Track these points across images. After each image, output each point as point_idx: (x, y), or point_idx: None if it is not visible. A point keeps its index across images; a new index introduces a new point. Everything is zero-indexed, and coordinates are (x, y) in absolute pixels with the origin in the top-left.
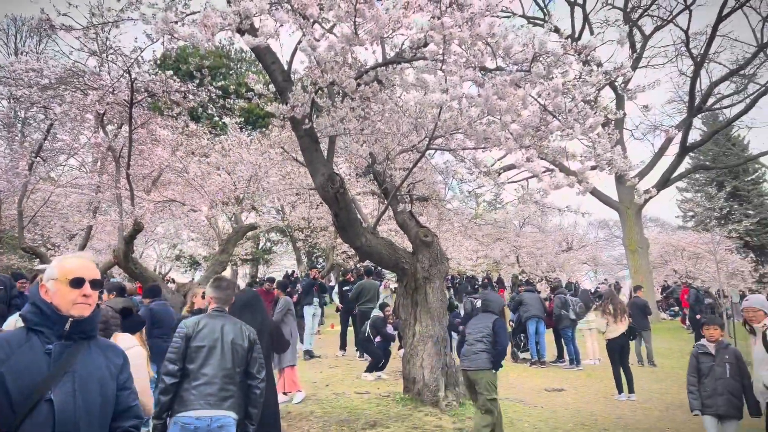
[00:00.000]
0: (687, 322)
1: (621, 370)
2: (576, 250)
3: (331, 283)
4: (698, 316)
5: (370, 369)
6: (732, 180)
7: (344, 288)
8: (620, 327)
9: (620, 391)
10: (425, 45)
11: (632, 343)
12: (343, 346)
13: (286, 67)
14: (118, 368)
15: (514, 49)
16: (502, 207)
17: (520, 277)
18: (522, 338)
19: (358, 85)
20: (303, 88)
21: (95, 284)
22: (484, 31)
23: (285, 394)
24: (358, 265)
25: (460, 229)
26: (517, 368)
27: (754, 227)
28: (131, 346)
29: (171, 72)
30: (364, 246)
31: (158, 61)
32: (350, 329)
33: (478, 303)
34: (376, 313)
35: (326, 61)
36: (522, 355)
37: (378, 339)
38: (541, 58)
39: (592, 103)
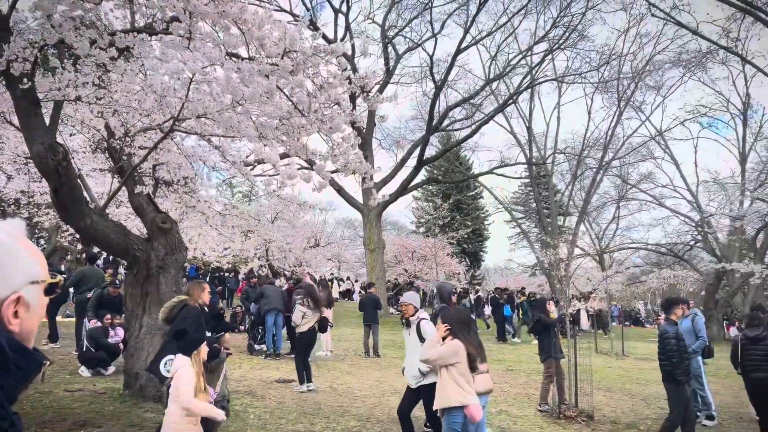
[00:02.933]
0: None
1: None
2: (323, 246)
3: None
4: None
5: (88, 364)
6: (457, 194)
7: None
8: (313, 321)
9: (302, 381)
10: (178, 20)
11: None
12: (53, 337)
13: (5, 14)
14: None
15: (268, 42)
16: (257, 199)
17: (265, 271)
18: (260, 330)
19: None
20: (29, 43)
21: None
22: (234, 12)
23: None
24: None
25: (207, 218)
26: (252, 360)
27: (469, 236)
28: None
29: None
30: (89, 228)
31: None
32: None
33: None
34: (93, 324)
35: (55, 14)
36: (258, 347)
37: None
38: (291, 55)
39: (342, 107)
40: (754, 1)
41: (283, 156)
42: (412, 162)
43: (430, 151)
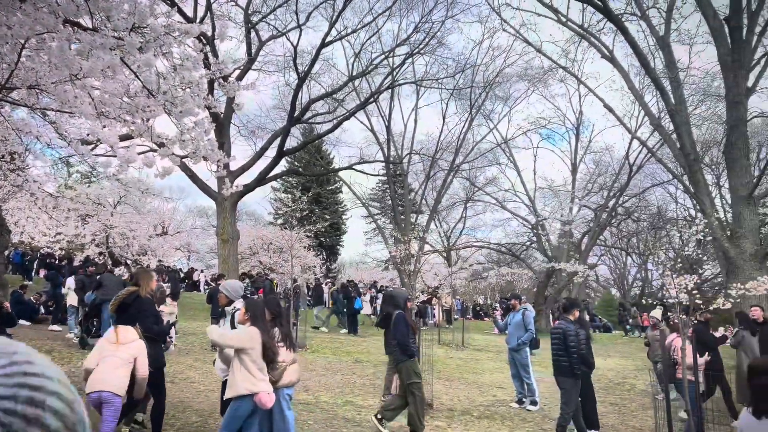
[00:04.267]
0: None
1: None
2: (171, 235)
3: None
4: None
5: None
6: (317, 187)
7: None
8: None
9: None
10: None
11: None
12: None
13: None
14: None
15: (115, 14)
16: (98, 181)
17: (102, 259)
18: (95, 323)
19: None
20: None
21: None
22: None
23: None
24: None
25: (37, 200)
26: (85, 355)
27: (327, 229)
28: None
29: None
30: None
31: None
32: None
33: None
34: None
35: None
36: (92, 341)
37: None
38: (140, 30)
39: (196, 90)
40: (589, 28)
41: (126, 137)
42: (272, 152)
43: (291, 143)
